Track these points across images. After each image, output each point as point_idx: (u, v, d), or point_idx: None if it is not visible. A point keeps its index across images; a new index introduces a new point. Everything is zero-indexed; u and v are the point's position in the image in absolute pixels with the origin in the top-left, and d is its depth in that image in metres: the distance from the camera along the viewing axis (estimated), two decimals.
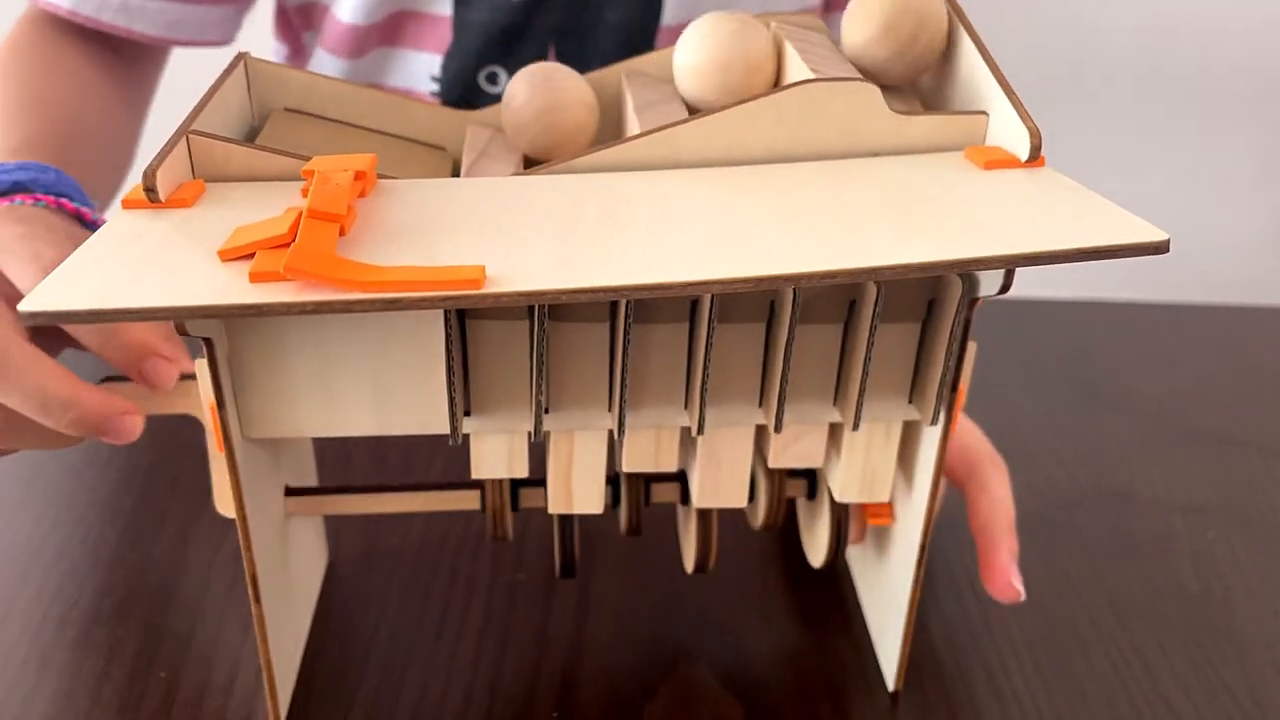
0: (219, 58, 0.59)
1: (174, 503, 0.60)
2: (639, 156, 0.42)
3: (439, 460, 0.64)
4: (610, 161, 0.42)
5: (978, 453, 0.53)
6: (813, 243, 0.35)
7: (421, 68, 0.66)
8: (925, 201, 0.37)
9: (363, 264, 0.32)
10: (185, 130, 0.39)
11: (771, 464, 0.47)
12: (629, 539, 0.57)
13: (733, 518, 0.56)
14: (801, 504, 0.55)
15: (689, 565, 0.52)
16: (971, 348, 0.44)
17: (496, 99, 0.66)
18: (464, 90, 0.66)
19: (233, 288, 0.32)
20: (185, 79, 0.66)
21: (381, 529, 0.58)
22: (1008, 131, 0.41)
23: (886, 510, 0.50)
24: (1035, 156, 0.39)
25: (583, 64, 0.66)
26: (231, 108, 0.45)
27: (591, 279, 0.32)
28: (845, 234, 0.35)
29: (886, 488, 0.47)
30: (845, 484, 0.47)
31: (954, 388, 0.43)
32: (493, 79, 0.66)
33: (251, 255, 0.33)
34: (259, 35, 0.72)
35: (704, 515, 0.50)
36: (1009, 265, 0.33)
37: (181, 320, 0.30)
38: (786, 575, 0.56)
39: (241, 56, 0.46)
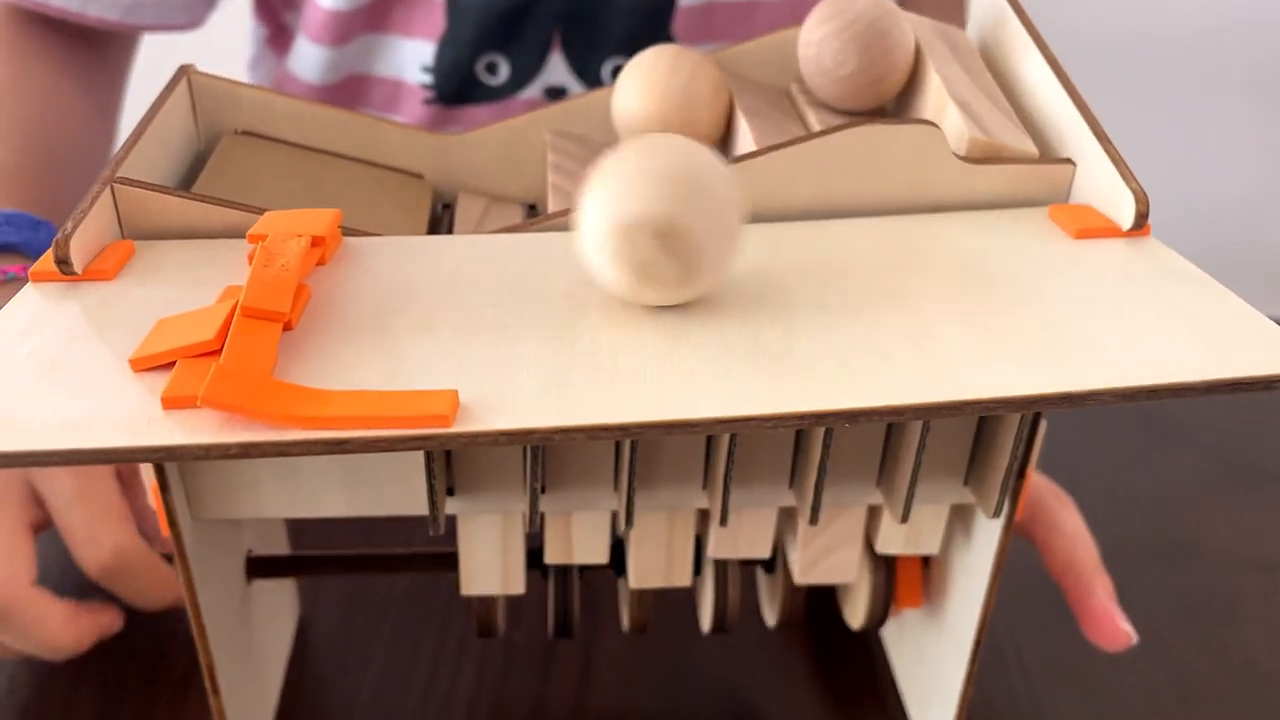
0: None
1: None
2: None
3: None
4: None
5: (1036, 490, 0.46)
6: (869, 354, 0.27)
7: (412, 57, 0.57)
8: (1008, 290, 0.30)
9: (304, 390, 0.25)
10: (110, 177, 0.32)
11: (799, 580, 0.40)
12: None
13: (753, 574, 0.50)
14: None
15: (705, 625, 0.45)
16: (1042, 427, 0.36)
17: (495, 92, 0.58)
18: (460, 82, 0.57)
19: (141, 415, 0.25)
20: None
21: (365, 576, 0.52)
22: (1100, 186, 0.33)
23: (917, 593, 0.43)
24: (1140, 225, 0.32)
25: (591, 51, 0.58)
26: (174, 132, 0.37)
27: (591, 410, 0.25)
28: (914, 342, 0.28)
29: (936, 539, 0.40)
30: (888, 531, 0.40)
31: (1021, 474, 0.36)
32: (492, 69, 0.57)
33: (172, 364, 0.26)
34: (237, 15, 0.64)
35: (720, 567, 0.43)
36: (1125, 400, 0.25)
37: (73, 464, 0.24)
38: (811, 639, 0.50)
39: (184, 70, 0.38)
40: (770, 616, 0.46)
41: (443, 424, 0.24)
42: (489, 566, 0.39)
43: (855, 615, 0.45)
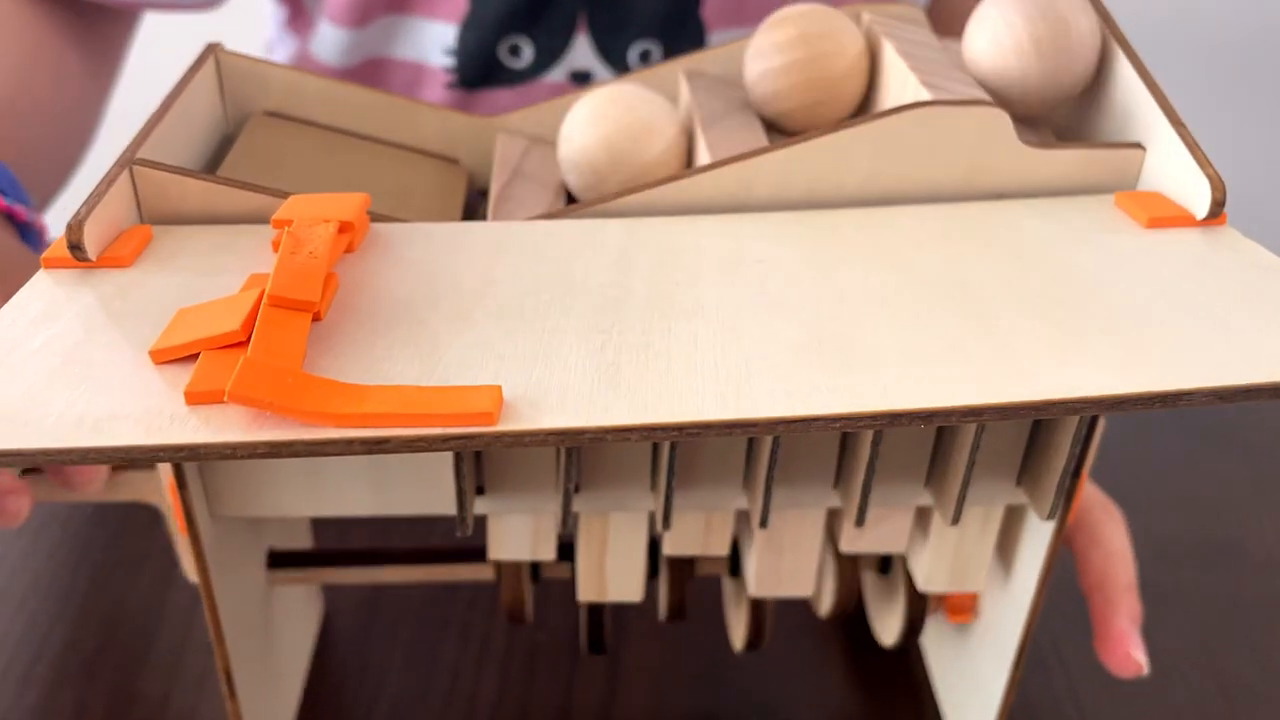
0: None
1: (154, 540, 0.51)
2: (704, 193, 0.32)
3: None
4: (670, 200, 0.32)
5: (1086, 499, 0.44)
6: (936, 349, 0.25)
7: (433, 39, 0.55)
8: (1079, 282, 0.28)
9: (338, 385, 0.23)
10: (129, 159, 0.30)
11: (844, 549, 0.38)
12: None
13: None
14: (869, 575, 0.46)
15: (737, 644, 0.43)
16: (1100, 426, 0.35)
17: (519, 75, 0.56)
18: (483, 65, 0.56)
19: (163, 412, 0.23)
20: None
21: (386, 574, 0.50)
22: (1171, 173, 0.31)
23: (969, 606, 0.42)
24: (1216, 213, 0.30)
25: (618, 34, 0.56)
26: (199, 113, 0.35)
27: (644, 408, 0.23)
28: (979, 335, 0.26)
29: (979, 577, 0.38)
30: (931, 572, 0.38)
31: (1076, 474, 0.34)
32: (515, 51, 0.55)
33: (195, 356, 0.24)
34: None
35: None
36: (1220, 400, 0.24)
37: (91, 464, 0.22)
38: (845, 643, 0.48)
39: (211, 49, 0.36)
40: (823, 605, 0.44)
41: (488, 422, 0.23)
42: (519, 546, 0.37)
43: (888, 631, 0.43)
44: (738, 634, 0.43)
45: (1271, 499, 0.56)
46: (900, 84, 0.33)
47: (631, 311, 0.27)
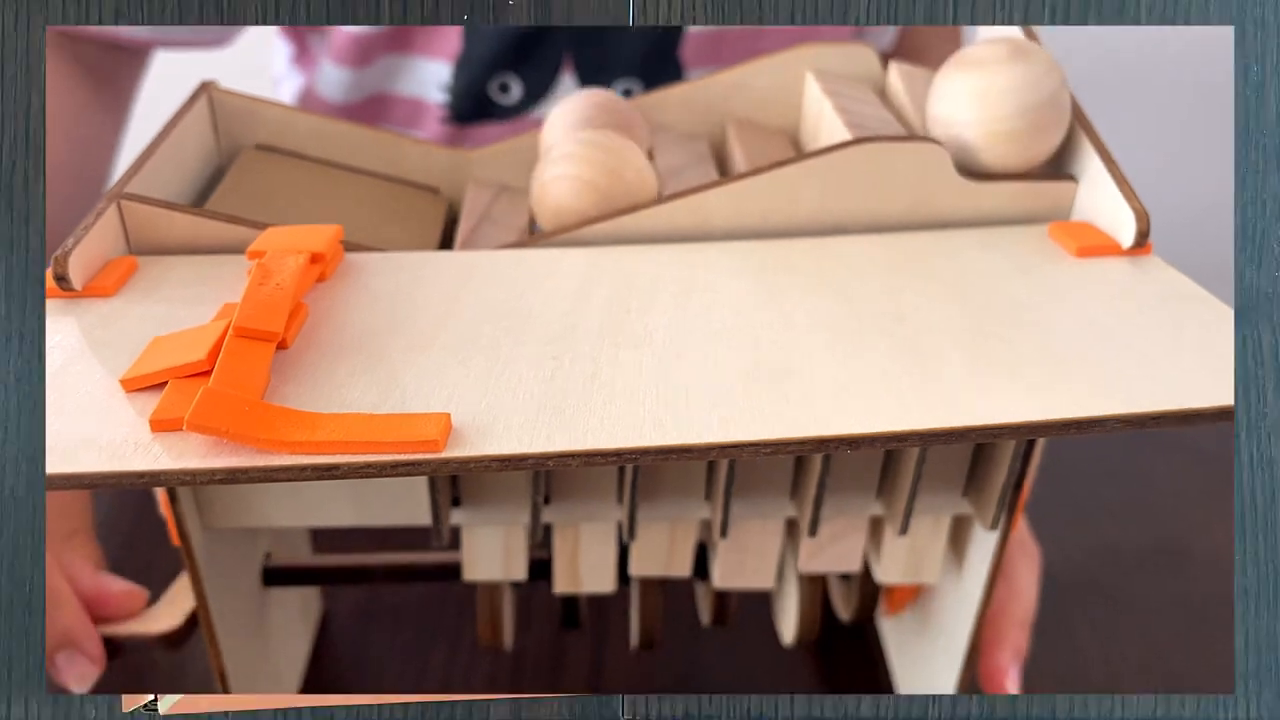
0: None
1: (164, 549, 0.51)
2: (665, 223, 0.32)
3: None
4: (632, 229, 0.32)
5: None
6: (872, 378, 0.25)
7: (431, 76, 0.55)
8: (1010, 312, 0.27)
9: (293, 414, 0.23)
10: (118, 193, 0.30)
11: (803, 569, 0.38)
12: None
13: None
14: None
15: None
16: (1040, 442, 0.34)
17: (508, 111, 0.56)
18: (475, 102, 0.55)
19: (128, 439, 0.23)
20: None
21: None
22: (1101, 205, 0.31)
23: (907, 599, 0.41)
24: (1141, 243, 0.29)
25: (602, 72, 0.56)
26: (191, 148, 0.35)
27: (585, 434, 0.23)
28: (914, 363, 0.25)
29: (935, 568, 0.38)
30: (887, 562, 0.38)
31: (1018, 486, 0.34)
32: (504, 89, 0.55)
33: (163, 384, 0.24)
34: (268, 30, 0.62)
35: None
36: (1132, 427, 0.23)
37: (58, 490, 0.22)
38: (819, 654, 0.47)
39: (205, 87, 0.36)
40: (786, 633, 0.44)
41: (433, 449, 0.22)
42: (491, 562, 0.37)
43: (847, 607, 0.43)
44: (705, 610, 0.42)
45: (1220, 504, 0.55)
46: (830, 127, 0.33)
47: (583, 340, 0.27)
